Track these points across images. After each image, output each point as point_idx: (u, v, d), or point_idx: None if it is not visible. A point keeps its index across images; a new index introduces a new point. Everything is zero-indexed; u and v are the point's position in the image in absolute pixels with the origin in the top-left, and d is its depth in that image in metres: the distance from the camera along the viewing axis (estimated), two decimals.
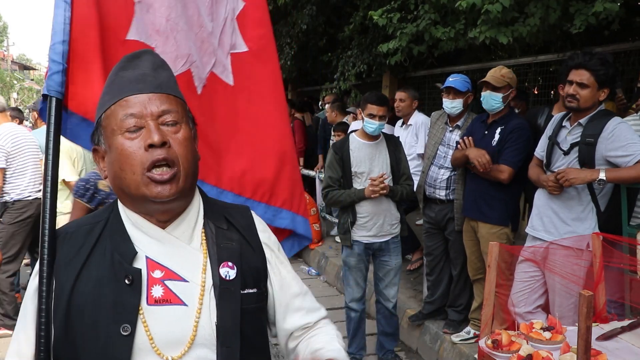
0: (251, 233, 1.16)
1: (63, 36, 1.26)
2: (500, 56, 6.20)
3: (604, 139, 2.55)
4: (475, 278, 3.59)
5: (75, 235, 1.07)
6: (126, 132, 1.01)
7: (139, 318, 0.99)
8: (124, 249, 1.04)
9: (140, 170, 1.00)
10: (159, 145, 1.00)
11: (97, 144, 1.08)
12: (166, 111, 1.04)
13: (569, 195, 2.71)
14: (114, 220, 1.08)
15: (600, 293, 2.33)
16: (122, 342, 0.97)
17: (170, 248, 1.06)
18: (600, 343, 2.05)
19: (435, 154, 3.78)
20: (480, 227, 3.40)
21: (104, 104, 1.06)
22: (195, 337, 1.01)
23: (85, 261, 1.03)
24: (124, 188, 1.03)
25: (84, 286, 1.01)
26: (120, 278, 1.00)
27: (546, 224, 2.80)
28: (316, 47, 7.88)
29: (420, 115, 4.81)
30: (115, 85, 1.05)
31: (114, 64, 1.11)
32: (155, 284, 1.02)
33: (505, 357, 1.98)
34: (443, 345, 3.79)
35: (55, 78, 1.22)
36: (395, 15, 4.79)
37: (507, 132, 3.26)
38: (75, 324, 1.00)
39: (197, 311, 1.02)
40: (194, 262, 1.07)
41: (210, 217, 1.13)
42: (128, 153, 1.00)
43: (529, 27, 3.69)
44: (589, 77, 2.57)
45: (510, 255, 2.93)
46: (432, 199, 3.80)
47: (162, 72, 1.08)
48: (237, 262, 1.08)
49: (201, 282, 1.04)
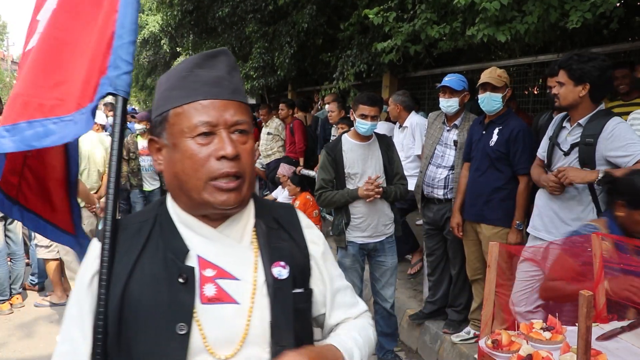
0: (297, 232, 1.16)
1: (133, 36, 1.25)
2: (500, 56, 6.20)
3: (603, 139, 2.55)
4: (474, 278, 3.60)
5: (125, 233, 1.07)
6: (197, 136, 1.00)
7: (193, 317, 0.99)
8: (176, 247, 1.03)
9: (206, 178, 1.00)
10: (231, 158, 1.00)
11: (158, 137, 1.06)
12: (239, 122, 1.03)
13: (569, 196, 2.71)
14: (163, 218, 1.08)
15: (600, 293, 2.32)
16: (178, 341, 0.97)
17: (221, 247, 1.06)
18: (600, 343, 2.05)
19: (433, 154, 3.79)
20: (483, 228, 3.40)
21: (174, 99, 1.03)
22: (246, 335, 1.01)
23: (138, 258, 1.02)
24: (183, 190, 1.02)
25: (138, 283, 1.01)
26: (173, 276, 1.00)
27: (547, 224, 2.81)
28: (315, 46, 7.88)
29: (416, 116, 4.81)
30: (188, 82, 1.03)
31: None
32: (207, 283, 1.02)
33: (505, 357, 1.98)
34: (443, 345, 3.79)
35: (124, 78, 1.21)
36: (391, 14, 4.79)
37: (508, 135, 3.25)
38: (129, 321, 1.00)
39: (249, 310, 1.02)
40: (245, 261, 1.06)
41: (261, 216, 1.13)
42: (197, 159, 1.00)
43: (527, 25, 3.69)
44: (564, 75, 2.65)
45: (510, 255, 2.93)
46: (430, 199, 3.80)
47: (235, 75, 1.07)
48: (289, 262, 1.08)
49: (253, 281, 1.04)
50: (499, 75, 3.31)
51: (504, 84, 3.30)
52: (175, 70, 1.07)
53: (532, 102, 5.97)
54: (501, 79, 3.30)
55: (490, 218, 3.35)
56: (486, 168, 3.35)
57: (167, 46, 14.56)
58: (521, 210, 3.24)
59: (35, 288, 5.54)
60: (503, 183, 3.30)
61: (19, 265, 5.18)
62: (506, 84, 3.33)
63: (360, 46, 6.35)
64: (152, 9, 16.49)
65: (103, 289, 1.00)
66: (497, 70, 3.37)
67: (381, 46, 5.00)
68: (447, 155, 3.72)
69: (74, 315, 1.04)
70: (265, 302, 1.04)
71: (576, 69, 2.60)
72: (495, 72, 3.34)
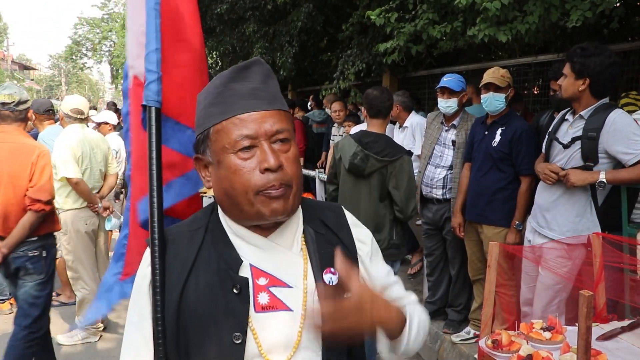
0: (345, 231, 1.16)
1: (156, 44, 1.25)
2: (500, 56, 6.21)
3: (605, 132, 2.53)
4: (476, 278, 3.60)
5: (176, 241, 1.08)
6: (239, 151, 1.00)
7: (248, 325, 1.00)
8: (230, 257, 1.04)
9: (254, 191, 1.00)
10: (274, 169, 1.00)
11: (202, 154, 1.07)
12: (279, 131, 1.02)
13: (568, 192, 2.71)
14: (215, 227, 1.08)
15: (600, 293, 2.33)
16: (235, 350, 0.99)
17: (272, 255, 1.07)
18: (600, 343, 2.05)
19: (432, 154, 3.79)
20: (484, 228, 3.40)
21: (212, 117, 1.04)
22: (300, 341, 1.02)
23: (192, 267, 1.03)
24: (234, 204, 1.03)
25: (194, 291, 1.02)
26: (227, 286, 1.01)
27: (549, 221, 2.80)
28: (316, 46, 7.90)
29: (416, 116, 4.81)
30: (224, 97, 1.03)
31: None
32: (261, 291, 1.03)
33: (505, 357, 1.98)
34: (443, 345, 3.79)
35: (152, 87, 1.21)
36: (392, 15, 4.79)
37: (512, 135, 3.24)
38: (186, 329, 1.01)
39: (302, 316, 1.03)
40: (296, 268, 1.07)
41: (309, 222, 1.13)
42: (242, 174, 1.00)
43: (528, 25, 3.69)
44: (567, 67, 2.67)
45: (511, 255, 2.93)
46: (429, 199, 3.81)
47: (271, 84, 1.07)
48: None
49: (304, 288, 1.05)
50: (502, 75, 3.31)
51: (507, 84, 3.31)
52: (212, 86, 1.07)
53: (532, 102, 5.97)
54: (504, 79, 3.30)
55: (492, 218, 3.35)
56: (488, 168, 3.35)
57: None
58: (522, 210, 3.24)
59: None
60: (505, 183, 3.30)
61: None
62: (509, 84, 3.33)
63: (360, 46, 6.35)
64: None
65: (158, 295, 1.02)
66: (500, 70, 3.37)
67: (383, 47, 5.00)
68: (446, 155, 3.72)
69: (134, 322, 1.06)
70: (317, 308, 1.04)
71: (577, 62, 2.60)
72: (498, 72, 3.33)
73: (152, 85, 1.22)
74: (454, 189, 3.65)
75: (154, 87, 1.22)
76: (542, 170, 2.76)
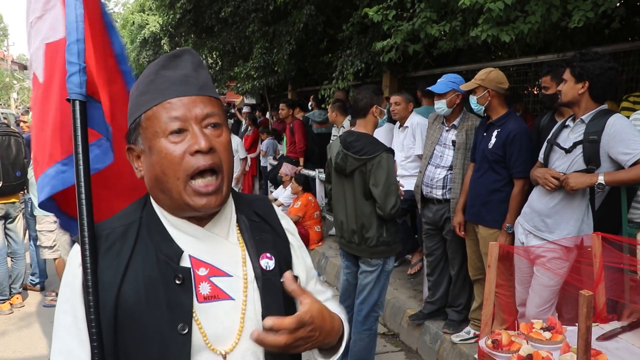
0: (276, 222, 1.18)
1: (77, 35, 1.20)
2: (500, 56, 6.20)
3: (606, 135, 2.56)
4: (476, 278, 3.60)
5: (110, 237, 1.05)
6: (170, 135, 1.00)
7: (192, 316, 1.01)
8: (169, 249, 1.04)
9: (184, 176, 0.99)
10: (205, 151, 0.99)
11: (134, 144, 1.06)
12: (210, 114, 1.03)
13: (565, 194, 2.71)
14: (150, 220, 1.07)
15: (600, 293, 2.33)
16: (181, 341, 0.98)
17: (210, 245, 1.07)
18: (600, 343, 2.05)
19: (432, 154, 3.79)
20: (480, 229, 3.41)
21: (143, 104, 1.04)
22: (242, 329, 1.04)
23: (128, 263, 1.01)
24: (164, 191, 1.02)
25: (132, 288, 1.00)
26: (169, 278, 1.01)
27: (550, 225, 2.80)
28: (316, 47, 7.90)
29: (417, 116, 4.81)
30: (155, 85, 1.03)
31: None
32: (202, 282, 1.03)
33: (505, 357, 1.98)
34: (443, 345, 3.79)
35: (73, 80, 1.15)
36: (390, 12, 4.79)
37: (505, 137, 3.24)
38: (125, 327, 0.99)
39: (243, 303, 1.05)
40: (234, 257, 1.08)
41: (241, 211, 1.14)
42: (172, 157, 0.99)
43: (530, 25, 3.69)
44: (567, 72, 2.72)
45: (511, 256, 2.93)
46: (429, 199, 3.81)
47: (202, 72, 1.07)
48: (273, 253, 1.11)
49: (243, 275, 1.07)
50: (475, 78, 3.38)
51: (476, 85, 3.34)
52: (143, 76, 1.07)
53: (532, 102, 5.97)
54: (475, 82, 3.36)
55: (486, 219, 3.36)
56: (485, 170, 3.35)
57: (167, 46, 14.55)
58: (513, 213, 3.20)
59: (35, 288, 5.55)
60: (500, 185, 3.29)
61: (20, 264, 5.17)
62: (482, 86, 3.33)
63: (360, 46, 6.35)
64: (152, 8, 16.46)
65: (91, 296, 0.98)
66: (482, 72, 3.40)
67: (380, 45, 5.00)
68: (446, 155, 3.72)
69: (68, 324, 1.02)
70: (257, 295, 1.06)
71: (577, 66, 2.64)
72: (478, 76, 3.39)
73: (74, 77, 1.16)
74: (453, 189, 3.65)
75: (75, 80, 1.16)
76: (542, 176, 2.76)
